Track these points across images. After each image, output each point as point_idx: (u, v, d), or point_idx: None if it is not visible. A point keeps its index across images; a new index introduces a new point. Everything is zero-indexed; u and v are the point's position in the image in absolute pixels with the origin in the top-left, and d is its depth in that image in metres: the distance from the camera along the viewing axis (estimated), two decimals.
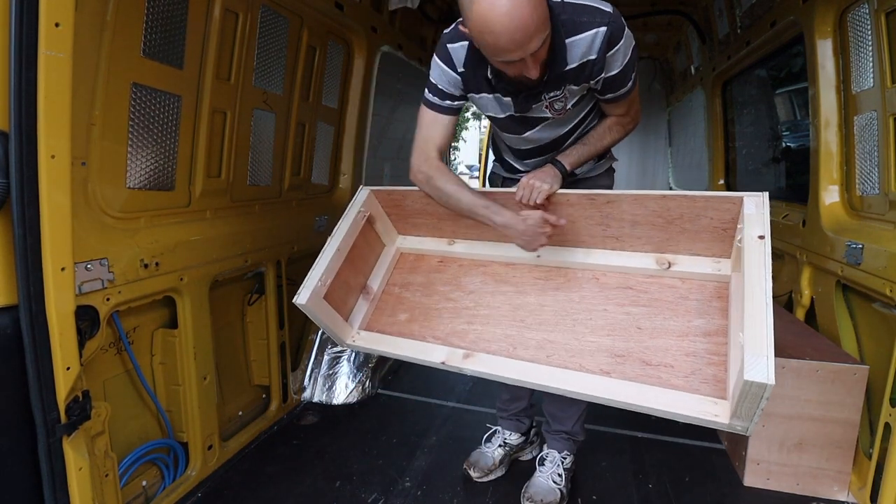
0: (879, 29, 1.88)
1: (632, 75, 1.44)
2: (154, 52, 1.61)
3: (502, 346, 1.49)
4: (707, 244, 1.41)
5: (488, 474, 1.92)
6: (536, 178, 1.45)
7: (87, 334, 1.34)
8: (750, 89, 3.62)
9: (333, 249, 1.57)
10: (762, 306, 1.07)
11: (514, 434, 2.01)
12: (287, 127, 2.40)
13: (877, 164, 1.97)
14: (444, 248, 1.77)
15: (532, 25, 1.13)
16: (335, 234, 1.62)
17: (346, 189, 2.94)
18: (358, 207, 1.66)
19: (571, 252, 1.56)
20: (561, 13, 1.30)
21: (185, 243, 1.75)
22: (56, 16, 1.08)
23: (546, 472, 1.80)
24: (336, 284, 1.58)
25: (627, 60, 1.38)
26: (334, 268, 1.56)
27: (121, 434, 1.63)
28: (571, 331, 1.44)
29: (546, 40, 1.21)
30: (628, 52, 1.37)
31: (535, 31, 1.15)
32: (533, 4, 1.12)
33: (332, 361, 2.62)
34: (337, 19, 2.54)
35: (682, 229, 1.40)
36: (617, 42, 1.32)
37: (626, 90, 1.46)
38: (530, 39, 1.15)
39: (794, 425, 1.83)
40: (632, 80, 1.46)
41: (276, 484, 1.90)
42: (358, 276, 1.68)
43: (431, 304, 1.67)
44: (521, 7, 1.11)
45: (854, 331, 2.02)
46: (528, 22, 1.12)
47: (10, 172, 1.05)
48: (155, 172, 1.71)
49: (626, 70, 1.40)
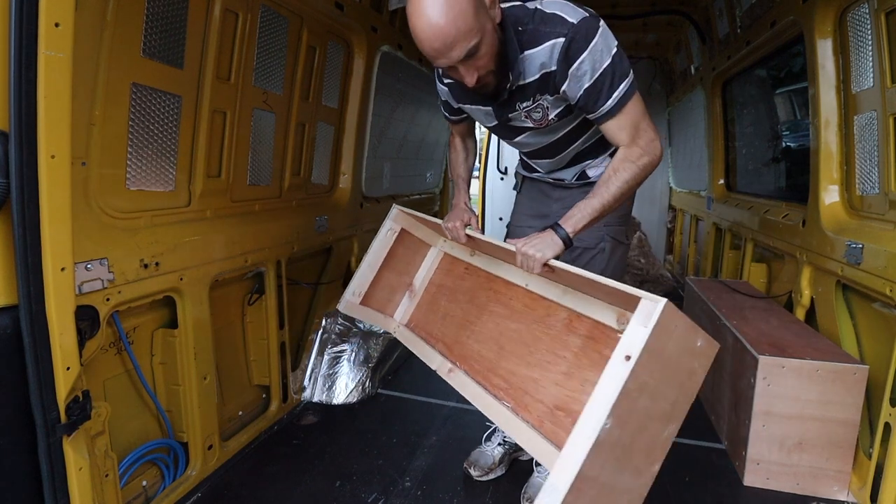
0: (879, 29, 1.88)
1: (611, 90, 1.29)
2: (154, 52, 1.60)
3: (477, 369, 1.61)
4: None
5: (488, 473, 1.92)
6: (531, 245, 1.37)
7: (87, 334, 1.33)
8: (750, 89, 3.63)
9: (366, 265, 1.82)
10: (586, 439, 1.04)
11: None
12: (287, 127, 2.40)
13: (877, 164, 1.97)
14: (467, 257, 1.88)
15: (451, 34, 1.14)
16: (369, 251, 1.88)
17: (346, 189, 2.94)
18: (389, 226, 1.84)
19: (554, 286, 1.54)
20: (527, 23, 1.29)
21: (186, 243, 1.75)
22: (56, 16, 1.08)
23: (544, 473, 1.80)
24: (376, 289, 1.89)
25: (600, 73, 1.27)
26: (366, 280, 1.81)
27: (121, 434, 1.62)
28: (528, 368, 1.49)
29: (477, 49, 1.19)
30: (600, 63, 1.26)
31: (456, 40, 1.15)
32: (454, 14, 1.12)
33: (332, 361, 2.62)
34: (337, 19, 2.54)
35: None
36: (579, 53, 1.25)
37: (608, 107, 1.31)
38: (451, 48, 1.16)
39: (794, 425, 1.83)
40: (614, 97, 1.30)
41: (276, 484, 1.90)
42: (402, 277, 1.87)
43: (450, 310, 1.82)
44: (440, 16, 1.11)
45: (854, 331, 2.02)
46: (446, 31, 1.13)
47: (10, 172, 1.05)
48: (155, 172, 1.71)
49: (600, 83, 1.28)
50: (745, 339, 1.99)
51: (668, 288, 4.71)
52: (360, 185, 3.06)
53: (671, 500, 1.82)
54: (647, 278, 4.67)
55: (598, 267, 1.65)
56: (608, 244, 1.64)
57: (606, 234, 1.64)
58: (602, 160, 1.62)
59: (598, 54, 1.25)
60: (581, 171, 1.64)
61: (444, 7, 1.11)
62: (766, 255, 2.99)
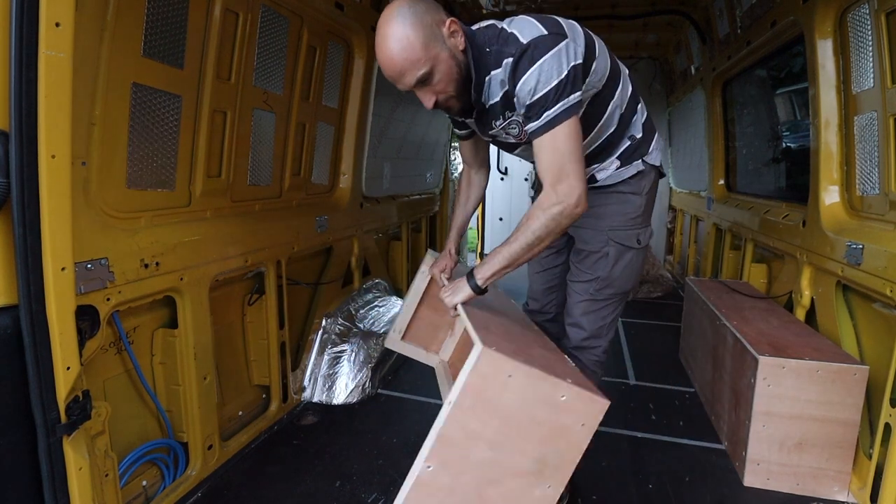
0: (879, 29, 1.88)
1: (543, 110, 1.27)
2: (154, 52, 1.61)
3: None
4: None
5: None
6: (446, 292, 1.52)
7: (87, 334, 1.34)
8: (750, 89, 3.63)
9: (405, 304, 1.85)
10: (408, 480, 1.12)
11: None
12: (287, 127, 2.40)
13: (877, 164, 1.97)
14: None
15: (399, 64, 1.26)
16: (409, 291, 1.91)
17: (346, 189, 2.94)
18: (423, 269, 1.87)
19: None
20: (493, 45, 1.34)
21: (186, 243, 1.75)
22: (56, 16, 1.08)
23: None
24: (419, 327, 1.88)
25: (542, 93, 1.26)
26: (406, 318, 1.83)
27: (121, 434, 1.62)
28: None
29: (429, 77, 1.29)
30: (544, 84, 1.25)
31: (404, 69, 1.26)
32: (401, 47, 1.24)
33: (332, 361, 2.62)
34: (337, 19, 2.54)
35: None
36: (523, 72, 1.27)
37: (536, 125, 1.29)
38: (402, 76, 1.27)
39: (794, 425, 1.83)
40: (545, 116, 1.27)
41: (276, 484, 1.90)
42: (444, 316, 1.83)
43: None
44: (391, 49, 1.24)
45: (854, 331, 2.02)
46: (396, 61, 1.25)
47: (10, 172, 1.05)
48: (155, 172, 1.71)
49: (540, 103, 1.27)
50: (746, 339, 1.99)
51: (668, 288, 4.71)
52: (360, 186, 3.06)
53: (671, 500, 1.82)
54: (647, 279, 4.67)
55: (602, 271, 1.63)
56: (612, 249, 1.62)
57: (610, 239, 1.62)
58: (611, 162, 1.61)
59: (543, 74, 1.26)
60: (590, 175, 1.63)
61: (393, 41, 1.24)
62: (767, 255, 2.99)
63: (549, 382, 1.10)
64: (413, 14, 1.24)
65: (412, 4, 1.26)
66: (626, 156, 1.60)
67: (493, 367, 1.09)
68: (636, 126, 1.61)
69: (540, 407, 1.11)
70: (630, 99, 1.57)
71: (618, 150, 1.59)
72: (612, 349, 3.36)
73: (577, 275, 1.70)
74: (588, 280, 1.66)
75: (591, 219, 1.64)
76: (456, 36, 1.31)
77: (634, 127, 1.60)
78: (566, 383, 1.12)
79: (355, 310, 2.97)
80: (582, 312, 1.69)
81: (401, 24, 1.23)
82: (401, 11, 1.24)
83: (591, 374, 1.73)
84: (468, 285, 1.46)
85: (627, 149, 1.59)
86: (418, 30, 1.24)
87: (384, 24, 1.25)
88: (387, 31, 1.24)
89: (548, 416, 1.13)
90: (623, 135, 1.59)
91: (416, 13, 1.25)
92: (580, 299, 1.68)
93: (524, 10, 4.15)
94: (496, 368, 1.09)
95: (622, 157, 1.60)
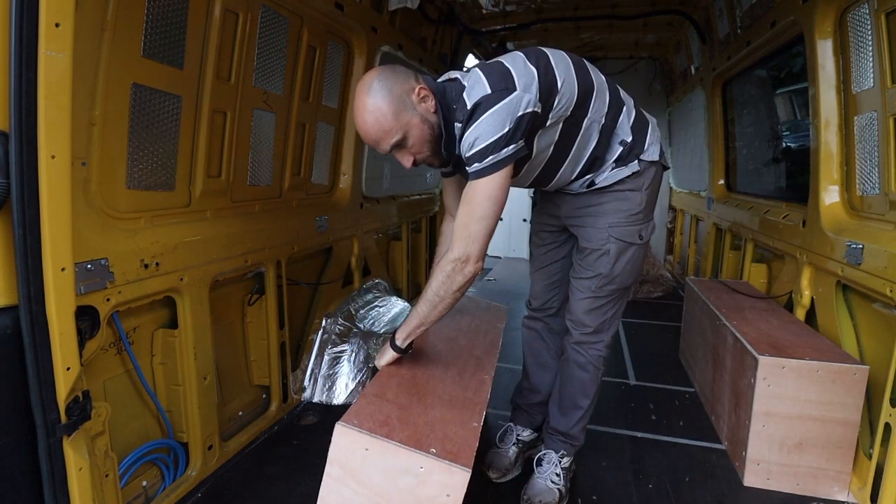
0: (879, 29, 1.88)
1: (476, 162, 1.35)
2: (154, 53, 1.60)
3: None
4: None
5: (506, 474, 1.93)
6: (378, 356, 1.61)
7: (87, 334, 1.33)
8: (750, 89, 3.63)
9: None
10: None
11: (527, 430, 2.03)
12: (287, 127, 2.40)
13: (877, 164, 1.97)
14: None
15: (374, 133, 1.37)
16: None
17: (346, 189, 2.94)
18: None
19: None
20: (454, 103, 1.43)
21: (186, 243, 1.75)
22: (56, 16, 1.08)
23: (544, 473, 1.81)
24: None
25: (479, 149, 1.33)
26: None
27: (121, 434, 1.62)
28: None
29: (404, 141, 1.39)
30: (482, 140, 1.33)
31: (379, 137, 1.37)
32: (373, 118, 1.34)
33: (332, 361, 2.62)
34: (337, 19, 2.54)
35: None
36: (464, 130, 1.38)
37: (471, 172, 1.37)
38: (378, 143, 1.39)
39: (794, 425, 1.83)
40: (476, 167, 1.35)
41: (276, 484, 1.90)
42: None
43: None
44: (364, 121, 1.36)
45: (854, 331, 2.02)
46: (370, 131, 1.37)
47: (10, 172, 1.05)
48: (155, 172, 1.71)
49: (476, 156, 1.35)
50: (746, 339, 1.99)
51: (668, 288, 4.71)
52: (360, 186, 3.06)
53: (671, 500, 1.82)
54: (647, 279, 4.67)
55: (604, 267, 1.66)
56: (614, 245, 1.64)
57: (611, 236, 1.64)
58: (608, 166, 1.63)
59: (483, 132, 1.34)
60: (589, 181, 1.66)
61: (367, 112, 1.35)
62: (767, 255, 2.99)
63: (405, 454, 1.16)
64: (382, 87, 1.34)
65: (382, 78, 1.36)
66: (621, 158, 1.62)
67: (349, 441, 1.19)
68: (623, 130, 1.62)
69: (403, 478, 1.17)
70: (609, 109, 1.58)
71: (612, 157, 1.62)
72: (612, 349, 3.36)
73: (579, 272, 1.73)
74: (590, 277, 1.69)
75: (591, 217, 1.68)
76: (427, 101, 1.40)
77: (622, 131, 1.62)
78: (422, 455, 1.15)
79: (355, 310, 2.97)
80: (585, 310, 1.72)
81: (372, 97, 1.34)
82: (372, 85, 1.35)
83: (593, 369, 1.77)
84: (391, 348, 1.56)
85: (621, 154, 1.62)
86: (388, 101, 1.34)
87: (358, 97, 1.36)
88: (360, 103, 1.35)
89: (413, 486, 1.17)
90: (611, 143, 1.61)
91: (384, 86, 1.34)
92: (583, 296, 1.72)
93: (524, 10, 4.15)
94: (353, 442, 1.18)
95: (617, 161, 1.63)
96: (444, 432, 1.25)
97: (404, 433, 1.21)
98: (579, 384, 1.78)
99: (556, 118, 1.48)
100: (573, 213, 1.74)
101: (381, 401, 1.35)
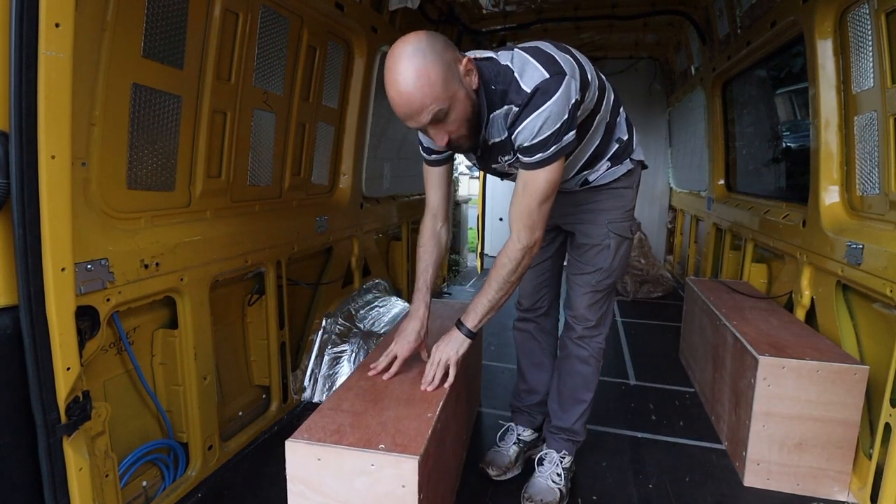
0: (879, 29, 1.88)
1: (540, 151, 1.31)
2: (154, 53, 1.60)
3: None
4: None
5: (506, 472, 1.93)
6: (440, 351, 1.53)
7: (87, 334, 1.33)
8: (750, 89, 3.63)
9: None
10: None
11: (528, 430, 2.03)
12: (287, 127, 2.40)
13: (877, 164, 1.97)
14: None
15: (417, 101, 1.21)
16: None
17: (346, 189, 2.94)
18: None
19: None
20: (498, 83, 1.33)
21: (186, 243, 1.75)
22: (56, 16, 1.08)
23: (545, 473, 1.81)
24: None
25: (541, 138, 1.30)
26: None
27: (121, 434, 1.62)
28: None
29: (445, 116, 1.26)
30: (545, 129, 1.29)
31: (422, 106, 1.22)
32: (421, 83, 1.19)
33: (332, 362, 2.62)
34: (337, 19, 2.54)
35: None
36: (527, 116, 1.29)
37: (530, 161, 1.34)
38: (418, 113, 1.23)
39: (794, 425, 1.83)
40: (537, 157, 1.32)
41: (276, 484, 1.89)
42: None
43: None
44: (408, 84, 1.19)
45: (854, 331, 2.02)
46: (413, 98, 1.21)
47: (10, 172, 1.05)
48: (155, 172, 1.71)
49: (538, 146, 1.31)
50: (746, 339, 1.99)
51: (668, 288, 4.71)
52: (360, 186, 3.06)
53: (671, 500, 1.82)
54: (647, 279, 4.67)
55: (604, 262, 1.70)
56: (613, 240, 1.69)
57: (611, 231, 1.68)
58: (604, 164, 1.64)
59: (549, 119, 1.28)
60: (583, 178, 1.67)
61: (412, 76, 1.19)
62: (767, 255, 2.99)
63: (355, 455, 1.19)
64: (432, 50, 1.20)
65: (431, 40, 1.22)
66: (616, 156, 1.64)
67: (301, 455, 1.21)
68: (621, 128, 1.64)
69: (358, 479, 1.19)
70: (613, 106, 1.59)
71: (607, 154, 1.63)
72: (613, 349, 3.38)
73: (579, 268, 1.75)
74: (591, 272, 1.72)
75: (590, 214, 1.71)
76: (471, 75, 1.29)
77: (619, 129, 1.64)
78: (370, 452, 1.18)
79: (355, 310, 2.97)
80: (587, 304, 1.75)
81: (420, 59, 1.19)
82: (419, 47, 1.20)
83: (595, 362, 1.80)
84: (462, 335, 1.52)
85: (616, 150, 1.64)
86: (439, 66, 1.20)
87: (400, 59, 1.19)
88: (404, 65, 1.19)
89: (369, 485, 1.19)
90: (610, 139, 1.63)
91: (434, 49, 1.21)
92: (584, 292, 1.74)
93: (524, 10, 4.15)
94: (305, 455, 1.21)
95: (612, 159, 1.64)
96: (397, 428, 1.28)
97: (355, 437, 1.24)
98: (581, 378, 1.80)
99: (583, 112, 1.43)
100: (569, 212, 1.74)
101: (335, 412, 1.36)
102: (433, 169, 1.67)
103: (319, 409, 1.38)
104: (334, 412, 1.37)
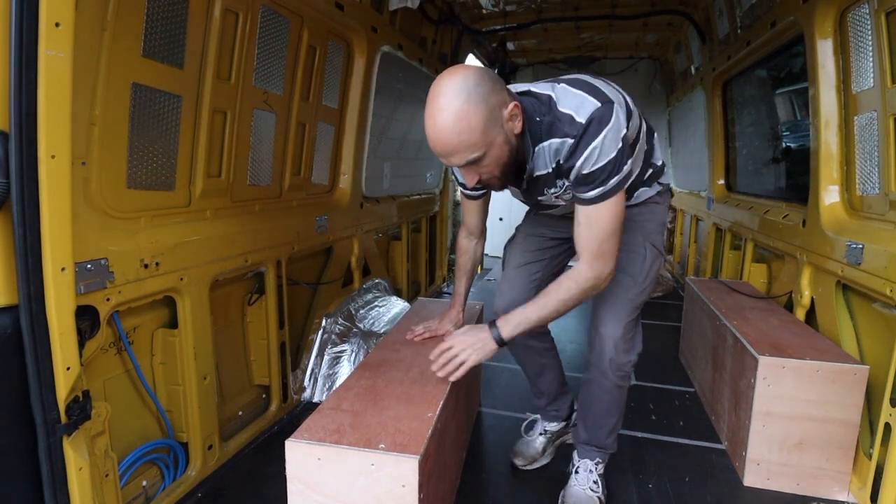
0: (879, 29, 1.88)
1: (599, 183, 1.28)
2: (154, 52, 1.60)
3: None
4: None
5: (533, 462, 1.94)
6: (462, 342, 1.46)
7: (87, 334, 1.33)
8: (750, 89, 3.63)
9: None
10: None
11: (553, 423, 2.02)
12: (287, 127, 2.40)
13: (877, 164, 1.97)
14: None
15: (452, 144, 1.18)
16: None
17: (346, 189, 2.94)
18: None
19: None
20: (544, 114, 1.30)
21: (186, 243, 1.75)
22: (56, 16, 1.08)
23: (582, 482, 1.74)
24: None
25: (600, 166, 1.27)
26: None
27: (121, 434, 1.62)
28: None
29: (479, 160, 1.24)
30: (603, 157, 1.26)
31: (457, 150, 1.19)
32: (460, 128, 1.16)
33: (332, 361, 2.62)
34: (337, 19, 2.54)
35: None
36: (583, 149, 1.26)
37: (591, 195, 1.31)
38: (451, 155, 1.21)
39: (794, 425, 1.83)
40: (599, 190, 1.29)
41: (276, 484, 1.89)
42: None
43: None
44: (446, 126, 1.16)
45: (854, 331, 2.02)
46: (448, 140, 1.18)
47: (10, 172, 1.05)
48: (155, 172, 1.71)
49: (596, 175, 1.28)
50: (746, 339, 1.99)
51: (668, 288, 4.71)
52: (360, 185, 3.06)
53: (671, 500, 1.82)
54: None
55: (636, 267, 1.60)
56: (649, 251, 1.62)
57: (646, 240, 1.63)
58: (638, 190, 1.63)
59: (605, 148, 1.26)
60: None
61: (451, 118, 1.15)
62: (767, 255, 2.99)
63: (355, 455, 1.19)
64: (478, 91, 1.15)
65: (479, 80, 1.16)
66: (649, 180, 1.63)
67: (301, 455, 1.22)
68: (655, 154, 1.63)
69: (357, 479, 1.19)
70: (647, 133, 1.57)
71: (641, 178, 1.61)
72: None
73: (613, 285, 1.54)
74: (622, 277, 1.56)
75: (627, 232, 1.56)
76: (515, 120, 1.26)
77: (655, 155, 1.63)
78: (371, 452, 1.18)
79: (355, 310, 2.97)
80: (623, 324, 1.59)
81: (463, 101, 1.14)
82: (465, 86, 1.14)
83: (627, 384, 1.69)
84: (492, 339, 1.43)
85: (651, 173, 1.62)
86: (482, 112, 1.16)
87: (443, 94, 1.15)
88: (446, 101, 1.14)
89: (369, 485, 1.19)
90: (647, 168, 1.61)
91: (480, 92, 1.16)
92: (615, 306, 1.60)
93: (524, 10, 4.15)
94: (304, 455, 1.22)
95: (646, 183, 1.63)
96: (397, 427, 1.28)
97: (355, 436, 1.24)
98: (613, 402, 1.70)
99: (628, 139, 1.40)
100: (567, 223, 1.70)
101: (335, 412, 1.36)
102: (472, 207, 1.73)
103: (319, 409, 1.38)
104: (334, 412, 1.37)
